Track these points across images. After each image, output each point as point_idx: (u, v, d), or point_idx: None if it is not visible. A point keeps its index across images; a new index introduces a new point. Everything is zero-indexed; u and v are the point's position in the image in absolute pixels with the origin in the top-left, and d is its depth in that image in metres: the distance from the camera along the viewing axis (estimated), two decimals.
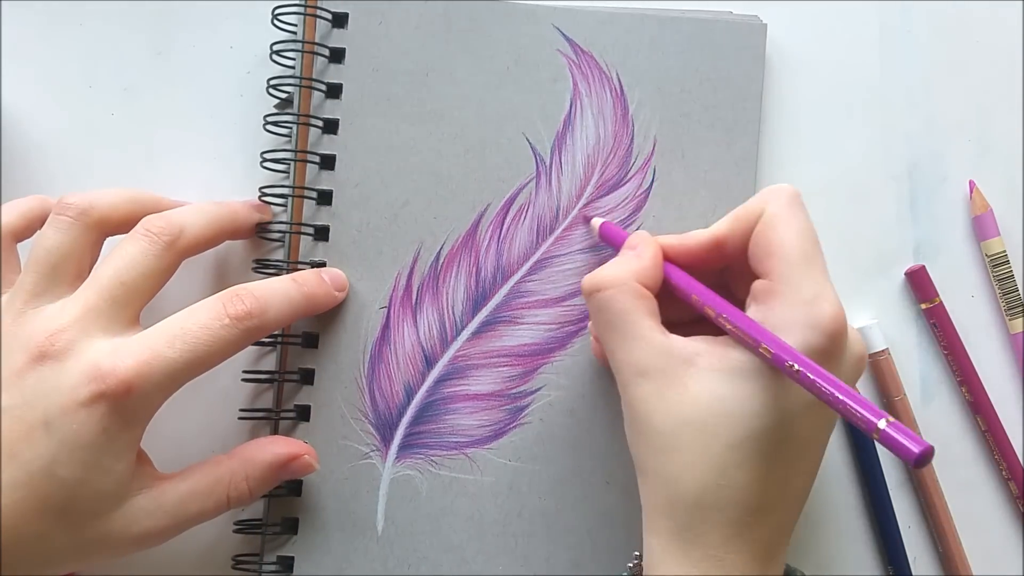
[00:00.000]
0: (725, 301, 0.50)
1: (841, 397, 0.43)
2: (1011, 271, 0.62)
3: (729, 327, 0.48)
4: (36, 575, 0.51)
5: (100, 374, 0.49)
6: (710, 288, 0.51)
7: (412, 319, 0.60)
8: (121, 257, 0.53)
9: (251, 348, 0.61)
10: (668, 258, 0.53)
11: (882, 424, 0.41)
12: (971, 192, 0.63)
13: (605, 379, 0.60)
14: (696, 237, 0.53)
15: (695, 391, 0.48)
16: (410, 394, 0.60)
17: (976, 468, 0.63)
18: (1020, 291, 0.63)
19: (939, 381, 0.63)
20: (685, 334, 0.50)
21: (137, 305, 0.54)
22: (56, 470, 0.49)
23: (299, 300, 0.56)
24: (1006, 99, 0.64)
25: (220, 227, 0.58)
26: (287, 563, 0.59)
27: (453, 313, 0.61)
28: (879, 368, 0.62)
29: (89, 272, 0.54)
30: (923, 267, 0.63)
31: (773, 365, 0.46)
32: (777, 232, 0.49)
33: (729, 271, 0.55)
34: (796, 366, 0.45)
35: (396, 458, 0.60)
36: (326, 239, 0.61)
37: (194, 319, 0.52)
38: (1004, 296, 0.63)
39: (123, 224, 0.56)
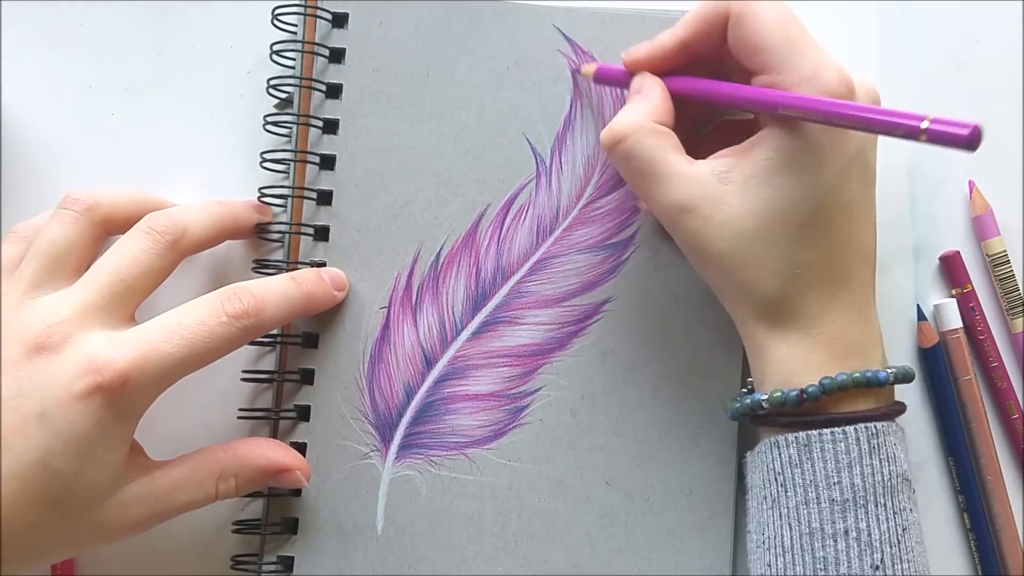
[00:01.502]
0: (745, 86, 0.52)
1: (879, 117, 0.45)
2: (1012, 271, 0.62)
3: (759, 109, 0.50)
4: (28, 564, 0.51)
5: (96, 367, 0.49)
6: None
7: (412, 319, 0.60)
8: (123, 254, 0.54)
9: (251, 348, 0.61)
10: (652, 72, 0.55)
11: (925, 124, 0.43)
12: (971, 192, 0.63)
13: (605, 379, 0.60)
14: (662, 43, 0.55)
15: (740, 204, 0.50)
16: (410, 394, 0.60)
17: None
18: (1021, 290, 0.62)
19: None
20: (705, 155, 0.52)
21: (135, 302, 0.54)
22: (50, 462, 0.49)
23: (297, 299, 0.56)
24: (1006, 99, 0.64)
25: (222, 227, 0.58)
26: (287, 563, 0.59)
27: (453, 313, 0.61)
28: (950, 346, 0.63)
29: (89, 267, 0.54)
30: (958, 252, 0.63)
31: (809, 118, 0.48)
32: (753, 27, 0.51)
33: (723, 69, 0.56)
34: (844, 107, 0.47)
35: (396, 458, 0.60)
36: (326, 239, 0.61)
37: (192, 315, 0.52)
38: (1005, 296, 0.62)
39: (126, 223, 0.56)
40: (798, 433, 0.50)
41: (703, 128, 0.60)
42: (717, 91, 0.53)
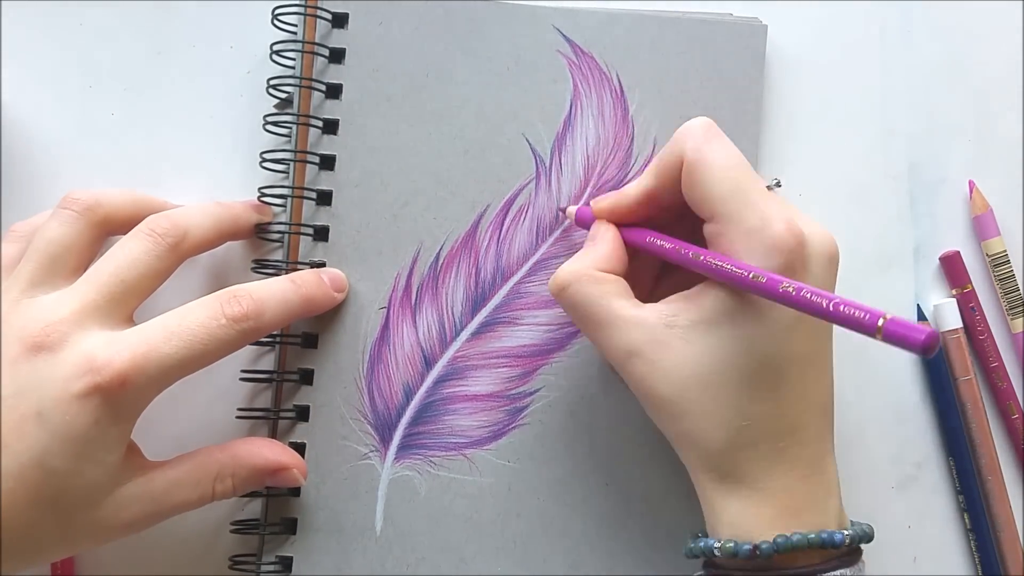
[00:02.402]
0: (691, 248, 0.51)
1: (837, 308, 0.43)
2: (1012, 271, 0.62)
3: (714, 267, 0.49)
4: (25, 563, 0.51)
5: (95, 366, 0.49)
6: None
7: (411, 320, 0.60)
8: (123, 254, 0.54)
9: (250, 347, 0.61)
10: (615, 221, 0.55)
11: (881, 322, 0.41)
12: (971, 192, 0.63)
13: (604, 380, 0.60)
14: (627, 195, 0.55)
15: (685, 350, 0.49)
16: (409, 395, 0.60)
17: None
18: (1021, 290, 0.63)
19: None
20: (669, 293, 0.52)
21: (134, 303, 0.54)
22: (48, 461, 0.49)
23: (296, 302, 0.56)
24: (1006, 99, 0.64)
25: (222, 229, 0.58)
26: (286, 563, 0.59)
27: (452, 314, 0.61)
28: (950, 347, 0.63)
29: (87, 267, 0.54)
30: (957, 252, 0.63)
31: (764, 293, 0.46)
32: (701, 175, 0.50)
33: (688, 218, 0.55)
34: (790, 287, 0.45)
35: (395, 459, 0.60)
36: (326, 239, 0.61)
37: (192, 316, 0.52)
38: (1005, 296, 0.63)
39: (127, 223, 0.56)
40: None
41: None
42: (663, 250, 0.52)
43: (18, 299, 0.53)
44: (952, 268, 0.63)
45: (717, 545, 0.50)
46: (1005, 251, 0.62)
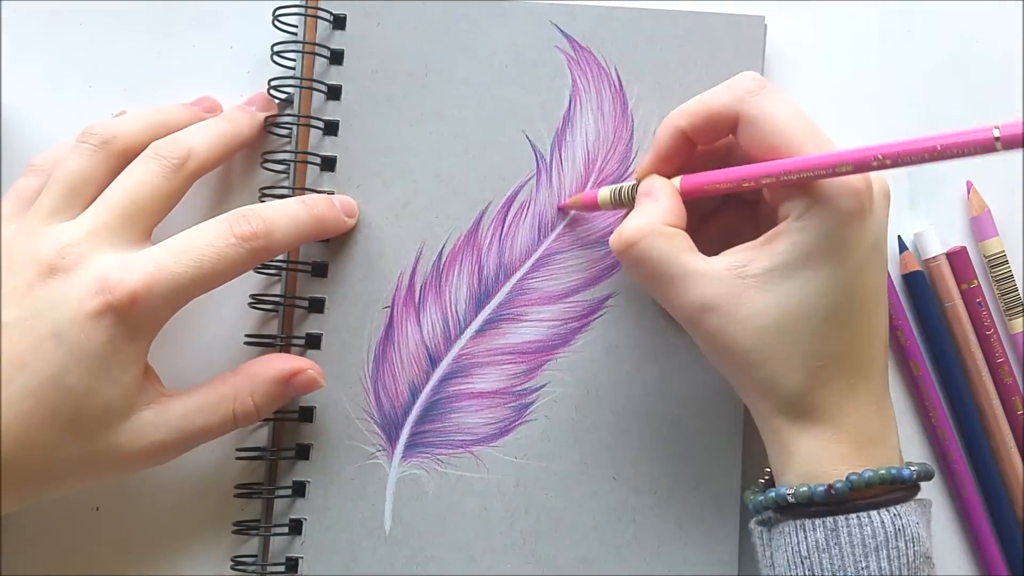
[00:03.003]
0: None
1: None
2: (1010, 271, 0.63)
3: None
4: (48, 487, 0.52)
5: (107, 286, 0.50)
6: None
7: (415, 318, 0.60)
8: (131, 178, 0.55)
9: (253, 346, 0.61)
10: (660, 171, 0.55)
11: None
12: (968, 193, 0.63)
13: (609, 375, 0.60)
14: (660, 142, 0.55)
15: (762, 299, 0.50)
16: (415, 393, 0.60)
17: None
18: (1019, 291, 0.63)
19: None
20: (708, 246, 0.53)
21: (147, 223, 0.55)
22: (64, 379, 0.50)
23: (307, 221, 0.57)
24: (1006, 99, 0.65)
25: (227, 144, 0.59)
26: (292, 564, 0.59)
27: (456, 312, 0.60)
28: (933, 273, 0.63)
29: None
30: (964, 248, 0.63)
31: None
32: (768, 128, 0.51)
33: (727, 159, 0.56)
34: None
35: (402, 457, 0.59)
36: (327, 240, 0.61)
37: (201, 236, 0.53)
38: (1003, 296, 0.63)
39: (144, 148, 0.57)
40: (825, 518, 0.50)
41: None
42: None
43: (37, 227, 0.54)
44: (959, 263, 0.63)
45: (790, 492, 0.51)
46: (1003, 251, 0.63)
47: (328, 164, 0.61)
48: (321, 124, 0.61)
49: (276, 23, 0.61)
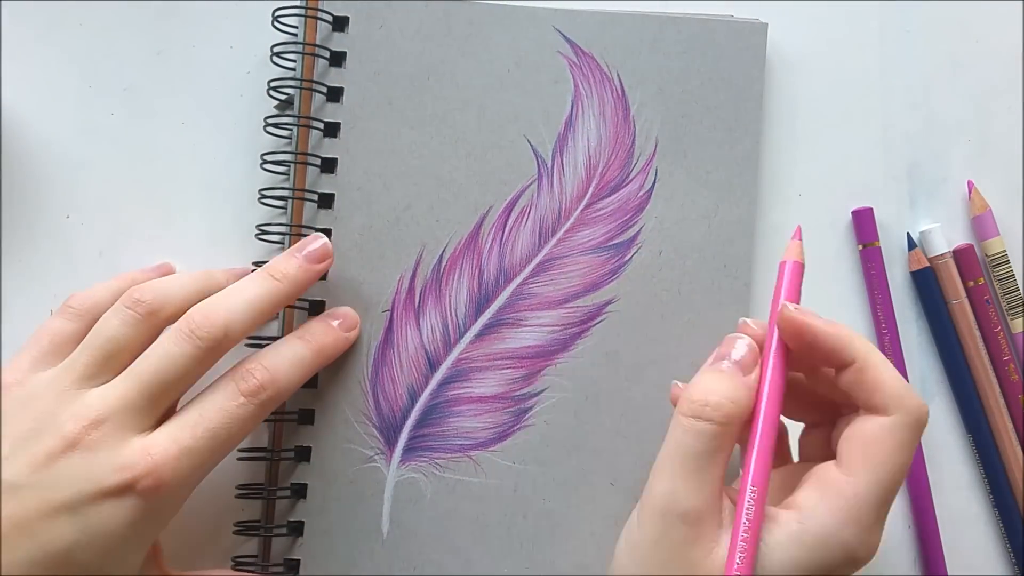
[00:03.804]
0: None
1: None
2: (1011, 271, 0.63)
3: None
4: None
5: (132, 471, 0.50)
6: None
7: (415, 322, 0.60)
8: (161, 354, 0.53)
9: (248, 350, 0.61)
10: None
11: None
12: (970, 193, 0.63)
13: (609, 381, 0.60)
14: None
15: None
16: (414, 397, 0.60)
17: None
18: (1021, 290, 0.63)
19: (937, 381, 0.64)
20: None
21: (171, 400, 0.54)
22: (76, 555, 0.49)
23: (310, 358, 0.56)
24: (1006, 99, 0.65)
25: (265, 317, 0.56)
26: (292, 565, 0.59)
27: (456, 316, 0.61)
28: (940, 272, 0.63)
29: None
30: (971, 246, 0.63)
31: None
32: (875, 376, 0.50)
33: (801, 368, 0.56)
34: None
35: (400, 461, 0.60)
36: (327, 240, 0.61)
37: (211, 405, 0.53)
38: (1005, 296, 0.63)
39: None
40: None
41: None
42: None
43: (68, 389, 0.53)
44: (965, 261, 0.63)
45: None
46: (1004, 251, 0.63)
47: (329, 166, 0.61)
48: (321, 125, 0.61)
49: (276, 24, 0.61)
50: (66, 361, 0.54)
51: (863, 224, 0.63)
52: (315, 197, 0.61)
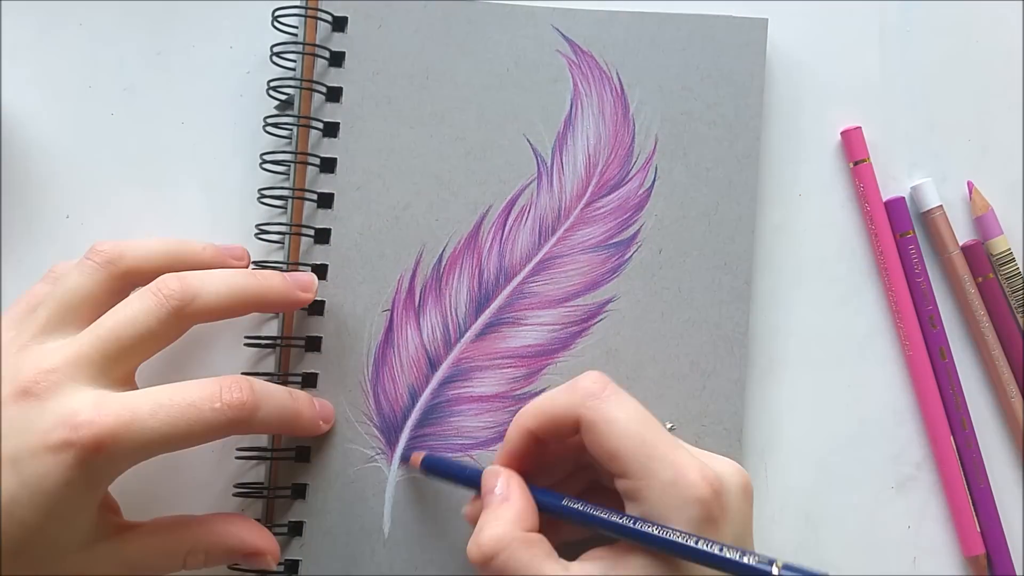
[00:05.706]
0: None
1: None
2: (1017, 269, 0.63)
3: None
4: None
5: (75, 423, 0.48)
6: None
7: (415, 321, 0.60)
8: (125, 312, 0.52)
9: (252, 350, 0.61)
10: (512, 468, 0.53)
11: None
12: (970, 193, 0.63)
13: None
14: (511, 442, 0.52)
15: None
16: (414, 397, 0.60)
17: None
18: None
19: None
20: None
21: (130, 364, 0.53)
22: (14, 510, 0.48)
23: (289, 414, 0.55)
24: (1006, 99, 0.65)
25: (243, 299, 0.55)
26: (292, 565, 0.59)
27: (456, 315, 0.61)
28: (934, 224, 0.63)
29: None
30: (979, 242, 0.64)
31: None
32: (606, 435, 0.48)
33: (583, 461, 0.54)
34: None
35: (402, 461, 0.60)
36: (327, 242, 0.61)
37: (185, 395, 0.51)
38: (1012, 294, 0.63)
39: (153, 275, 0.54)
40: None
41: None
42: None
43: (27, 343, 0.52)
44: (974, 257, 0.63)
45: None
46: (1009, 250, 0.63)
47: (328, 166, 0.61)
48: (320, 125, 0.61)
49: (275, 24, 0.61)
50: (29, 318, 0.54)
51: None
52: (315, 197, 0.61)
